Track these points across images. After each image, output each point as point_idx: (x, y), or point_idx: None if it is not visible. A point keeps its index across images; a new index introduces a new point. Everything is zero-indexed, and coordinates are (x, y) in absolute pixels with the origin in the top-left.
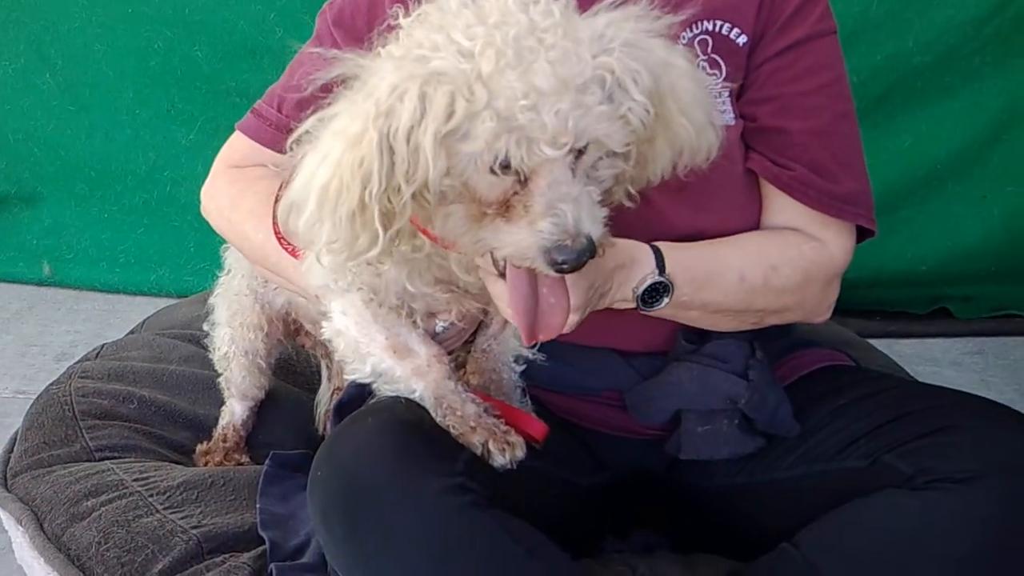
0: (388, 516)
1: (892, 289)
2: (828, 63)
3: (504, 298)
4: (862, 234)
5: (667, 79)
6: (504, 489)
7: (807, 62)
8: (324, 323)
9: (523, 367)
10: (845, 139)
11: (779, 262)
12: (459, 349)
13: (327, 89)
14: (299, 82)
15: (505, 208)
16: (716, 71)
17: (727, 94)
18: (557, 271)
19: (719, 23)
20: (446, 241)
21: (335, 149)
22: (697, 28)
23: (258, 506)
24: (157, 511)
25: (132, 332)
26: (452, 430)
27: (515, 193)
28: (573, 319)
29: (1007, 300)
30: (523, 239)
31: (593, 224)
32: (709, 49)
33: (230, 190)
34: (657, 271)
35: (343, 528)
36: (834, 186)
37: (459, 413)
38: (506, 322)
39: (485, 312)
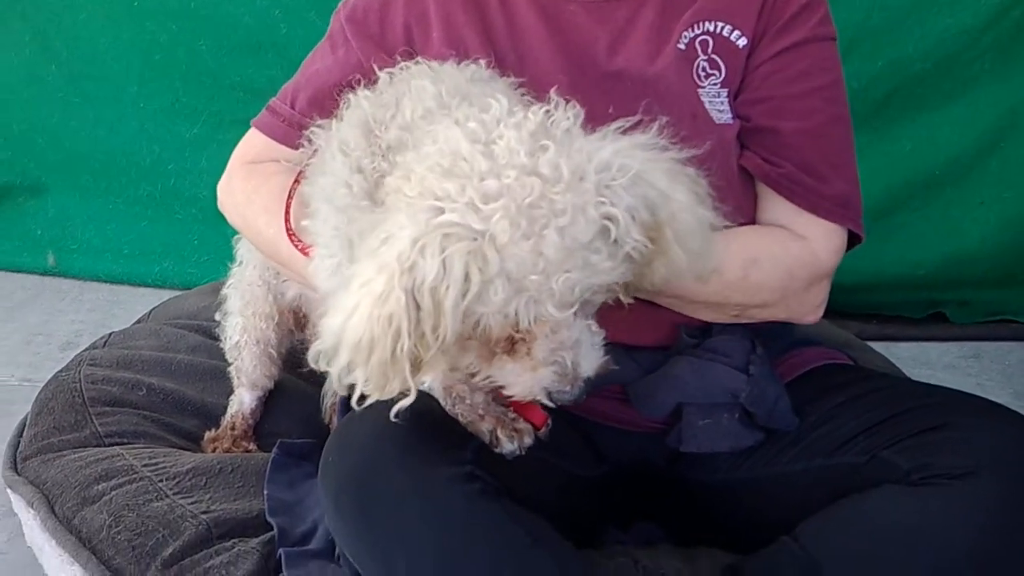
0: (398, 501)
1: (890, 293)
2: (824, 67)
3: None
4: (852, 241)
5: (666, 210)
6: (510, 479)
7: (803, 65)
8: None
9: None
10: (837, 142)
11: (761, 256)
12: None
13: (337, 86)
14: (311, 78)
15: (510, 345)
16: (716, 71)
17: (725, 94)
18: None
19: (720, 24)
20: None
21: (363, 305)
22: (699, 28)
23: (266, 493)
24: (167, 496)
25: (139, 322)
26: (461, 418)
27: (518, 331)
28: None
29: (1003, 305)
30: (528, 380)
31: (591, 363)
32: (710, 49)
33: (245, 186)
34: None
35: (354, 512)
36: (823, 186)
37: (468, 402)
38: None
39: None
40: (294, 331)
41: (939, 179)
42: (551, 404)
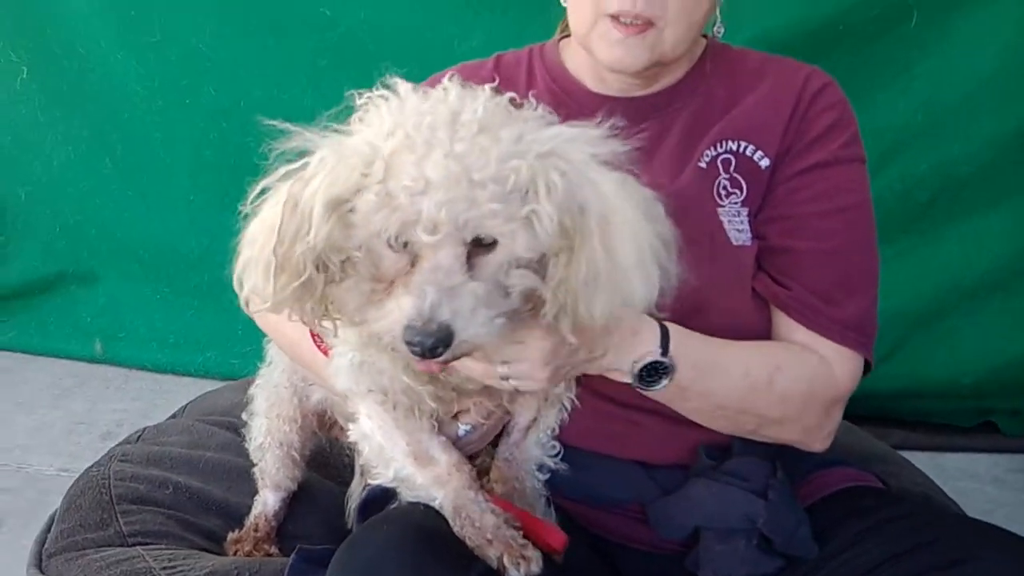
0: None
1: (936, 401)
2: (849, 188)
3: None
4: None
5: (598, 207)
6: None
7: (825, 185)
8: (351, 425)
9: (547, 476)
10: (855, 267)
11: (785, 365)
12: (483, 454)
13: None
14: None
15: (391, 286)
16: (737, 190)
17: (745, 214)
18: (412, 354)
19: (743, 144)
20: (342, 313)
21: (264, 208)
22: (721, 147)
23: None
24: None
25: (174, 416)
26: (468, 541)
27: (406, 274)
28: (541, 375)
29: None
30: (390, 313)
31: (461, 317)
32: (732, 168)
33: None
34: (660, 350)
35: None
36: (833, 310)
37: (477, 524)
38: (527, 430)
39: (507, 412)
40: (318, 433)
41: (987, 284)
42: (406, 351)
